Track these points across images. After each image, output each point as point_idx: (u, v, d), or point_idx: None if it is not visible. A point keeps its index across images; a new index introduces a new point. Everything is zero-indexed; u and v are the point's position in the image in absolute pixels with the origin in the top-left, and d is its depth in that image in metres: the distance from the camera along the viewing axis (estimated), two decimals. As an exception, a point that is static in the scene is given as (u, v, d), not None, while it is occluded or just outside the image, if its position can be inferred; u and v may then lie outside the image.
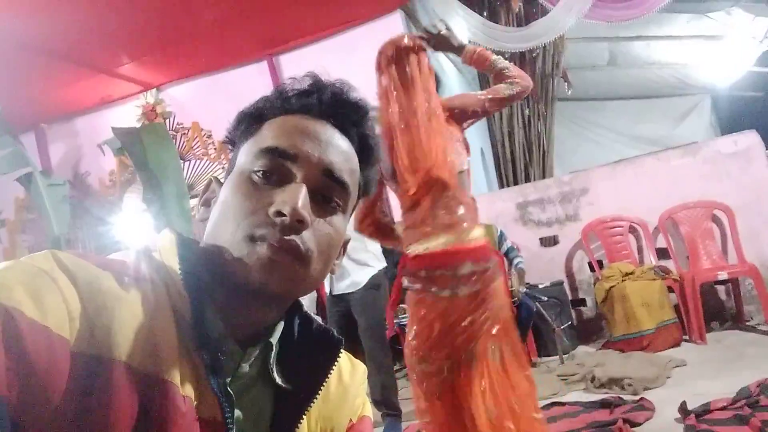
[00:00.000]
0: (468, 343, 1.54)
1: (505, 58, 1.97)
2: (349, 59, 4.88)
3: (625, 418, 2.40)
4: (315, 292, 2.84)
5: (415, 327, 1.63)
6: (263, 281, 0.54)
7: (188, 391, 0.51)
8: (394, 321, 3.91)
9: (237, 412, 0.56)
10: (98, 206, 5.60)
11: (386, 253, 4.35)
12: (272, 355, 0.62)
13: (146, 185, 4.26)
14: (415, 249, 1.64)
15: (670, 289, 3.81)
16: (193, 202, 4.21)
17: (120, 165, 5.58)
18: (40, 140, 5.90)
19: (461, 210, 1.65)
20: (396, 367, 4.24)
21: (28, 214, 5.78)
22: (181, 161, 5.10)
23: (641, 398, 2.68)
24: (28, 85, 4.85)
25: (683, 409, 2.34)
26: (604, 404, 2.69)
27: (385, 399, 2.88)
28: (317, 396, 0.63)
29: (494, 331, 1.55)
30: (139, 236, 5.09)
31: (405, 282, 1.68)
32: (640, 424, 2.38)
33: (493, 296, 1.58)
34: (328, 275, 0.69)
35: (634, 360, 3.34)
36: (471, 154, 1.86)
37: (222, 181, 0.64)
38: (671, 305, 3.75)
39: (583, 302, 4.43)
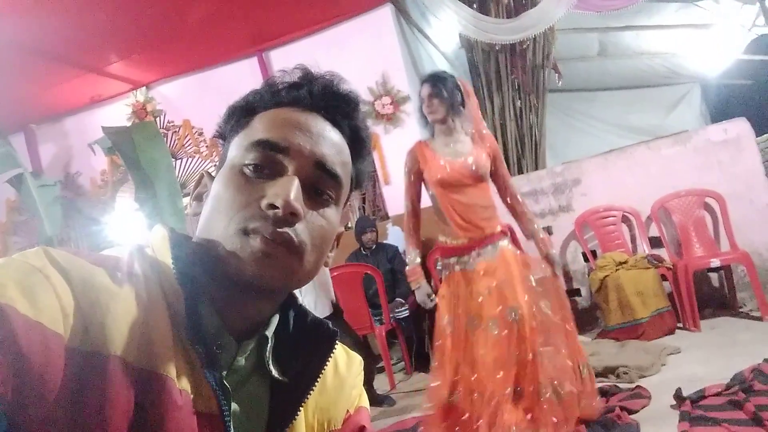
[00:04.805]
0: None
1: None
2: (339, 53, 4.90)
3: (621, 405, 2.42)
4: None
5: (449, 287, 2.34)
6: (257, 274, 0.54)
7: (184, 384, 0.51)
8: (390, 316, 3.92)
9: (234, 406, 0.57)
10: (90, 206, 5.58)
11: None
12: (268, 348, 0.62)
13: (138, 184, 4.23)
14: (452, 242, 2.36)
15: (664, 278, 3.83)
16: (186, 200, 4.20)
17: (111, 164, 5.56)
18: (30, 141, 5.86)
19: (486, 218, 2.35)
20: (393, 361, 4.26)
21: (19, 215, 5.75)
22: (173, 159, 5.08)
23: (637, 386, 2.70)
24: (17, 86, 4.81)
25: (678, 395, 2.36)
26: (600, 393, 2.71)
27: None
28: (314, 388, 0.63)
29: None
30: (132, 235, 5.07)
31: (439, 265, 2.44)
32: (636, 411, 2.40)
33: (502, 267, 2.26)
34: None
35: (629, 348, 3.36)
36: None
37: (213, 175, 0.64)
38: (665, 293, 3.78)
39: (577, 292, 4.45)
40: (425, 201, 2.49)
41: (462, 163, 2.30)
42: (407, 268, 2.48)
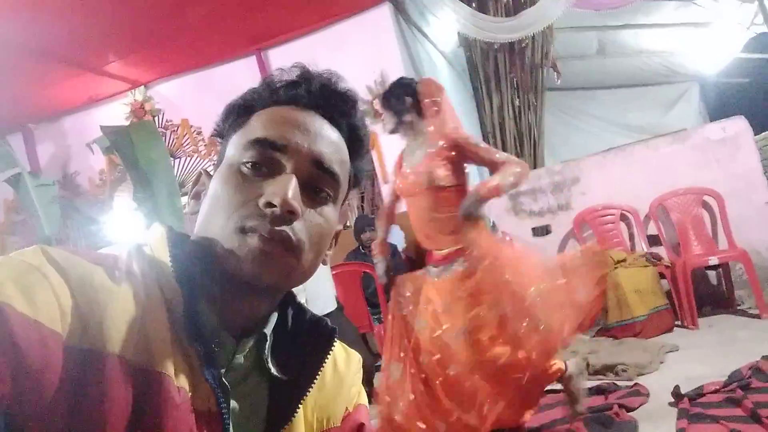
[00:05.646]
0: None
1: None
2: (338, 52, 4.89)
3: (619, 403, 2.42)
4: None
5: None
6: (255, 273, 0.54)
7: (183, 382, 0.51)
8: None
9: (233, 403, 0.57)
10: (88, 206, 5.57)
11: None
12: (266, 346, 0.62)
13: (136, 184, 4.23)
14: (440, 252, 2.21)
15: (662, 276, 3.84)
16: (184, 199, 4.20)
17: (109, 164, 5.54)
18: (28, 140, 5.85)
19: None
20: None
21: (17, 215, 5.74)
22: (171, 159, 5.08)
23: (635, 383, 2.70)
24: (15, 85, 4.80)
25: (676, 393, 2.37)
26: (598, 390, 2.72)
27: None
28: (313, 386, 0.63)
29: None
30: (130, 235, 5.06)
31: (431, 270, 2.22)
32: (634, 409, 2.40)
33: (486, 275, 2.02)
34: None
35: (627, 346, 3.36)
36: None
37: (212, 174, 0.64)
38: (663, 291, 3.78)
39: (576, 291, 4.45)
40: None
41: (412, 171, 2.23)
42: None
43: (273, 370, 0.62)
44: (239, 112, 0.64)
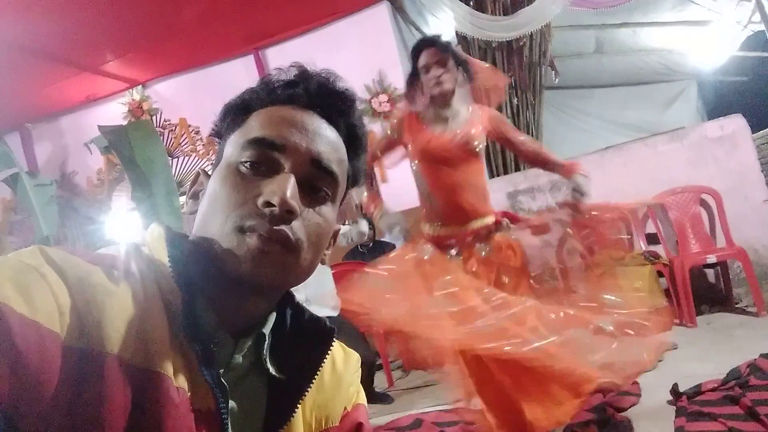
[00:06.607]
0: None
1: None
2: (336, 51, 4.89)
3: (609, 402, 2.42)
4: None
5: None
6: (254, 272, 0.54)
7: (181, 382, 0.51)
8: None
9: (231, 403, 0.56)
10: (86, 205, 5.57)
11: (377, 246, 4.36)
12: (265, 345, 0.62)
13: (134, 183, 4.23)
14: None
15: (660, 274, 3.84)
16: (183, 199, 4.20)
17: (107, 163, 5.54)
18: (26, 140, 5.84)
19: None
20: (391, 358, 4.26)
21: (15, 215, 5.73)
22: (169, 158, 5.07)
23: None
24: (12, 85, 4.79)
25: (674, 391, 2.37)
26: (596, 389, 2.71)
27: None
28: (311, 385, 0.63)
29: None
30: (129, 234, 5.06)
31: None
32: (625, 409, 2.39)
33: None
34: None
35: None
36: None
37: (210, 173, 0.64)
38: (661, 290, 3.78)
39: (574, 289, 4.46)
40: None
41: (451, 137, 2.10)
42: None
43: (271, 370, 0.62)
44: (237, 111, 0.64)
